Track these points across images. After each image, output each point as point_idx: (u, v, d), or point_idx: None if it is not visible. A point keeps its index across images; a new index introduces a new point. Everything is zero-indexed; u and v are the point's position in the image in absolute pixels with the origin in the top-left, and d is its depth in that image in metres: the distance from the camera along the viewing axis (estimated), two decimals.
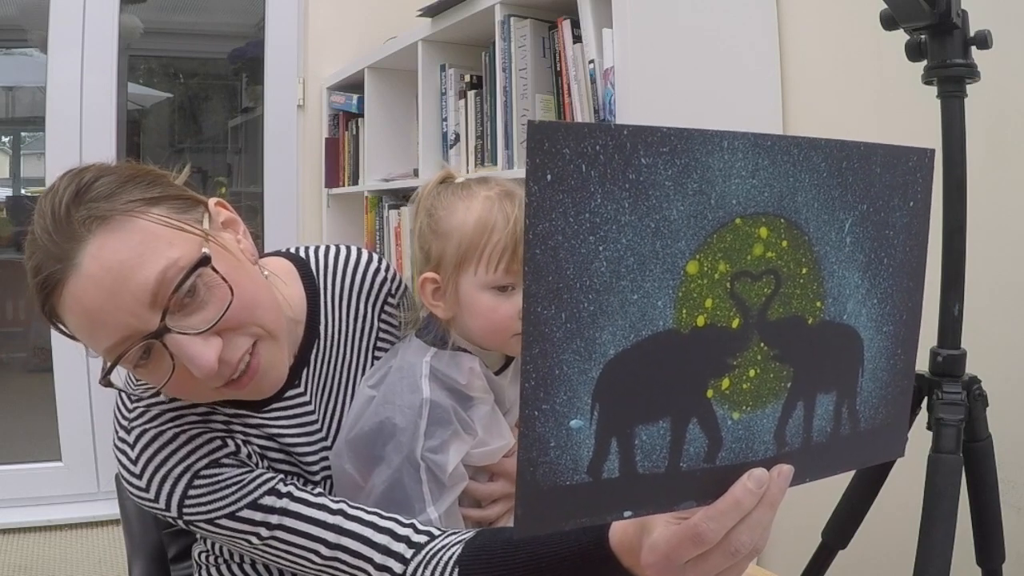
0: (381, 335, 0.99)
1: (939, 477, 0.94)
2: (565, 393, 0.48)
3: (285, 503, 0.83)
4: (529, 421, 0.48)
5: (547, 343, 0.47)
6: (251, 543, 0.83)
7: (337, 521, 0.83)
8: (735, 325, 0.53)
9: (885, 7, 0.97)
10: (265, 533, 0.82)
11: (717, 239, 0.51)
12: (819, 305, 0.57)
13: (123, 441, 0.84)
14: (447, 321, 0.93)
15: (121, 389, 0.85)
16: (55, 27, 2.55)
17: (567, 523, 0.51)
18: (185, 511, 0.81)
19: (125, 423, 0.84)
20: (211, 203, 0.83)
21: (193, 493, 0.81)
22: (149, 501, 0.82)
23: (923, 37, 0.97)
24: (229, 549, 0.94)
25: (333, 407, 0.94)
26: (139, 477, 0.82)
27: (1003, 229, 1.29)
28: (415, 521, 0.84)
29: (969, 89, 0.96)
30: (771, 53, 1.67)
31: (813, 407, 0.59)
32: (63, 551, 2.49)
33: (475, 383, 0.91)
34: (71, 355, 2.58)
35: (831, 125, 1.59)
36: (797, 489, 0.58)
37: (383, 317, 0.99)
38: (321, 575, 0.84)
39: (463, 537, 0.80)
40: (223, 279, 0.75)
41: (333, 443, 0.92)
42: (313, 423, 0.92)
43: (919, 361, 0.66)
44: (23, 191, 2.95)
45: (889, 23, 0.98)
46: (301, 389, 0.92)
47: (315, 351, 0.93)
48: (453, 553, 0.78)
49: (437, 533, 0.83)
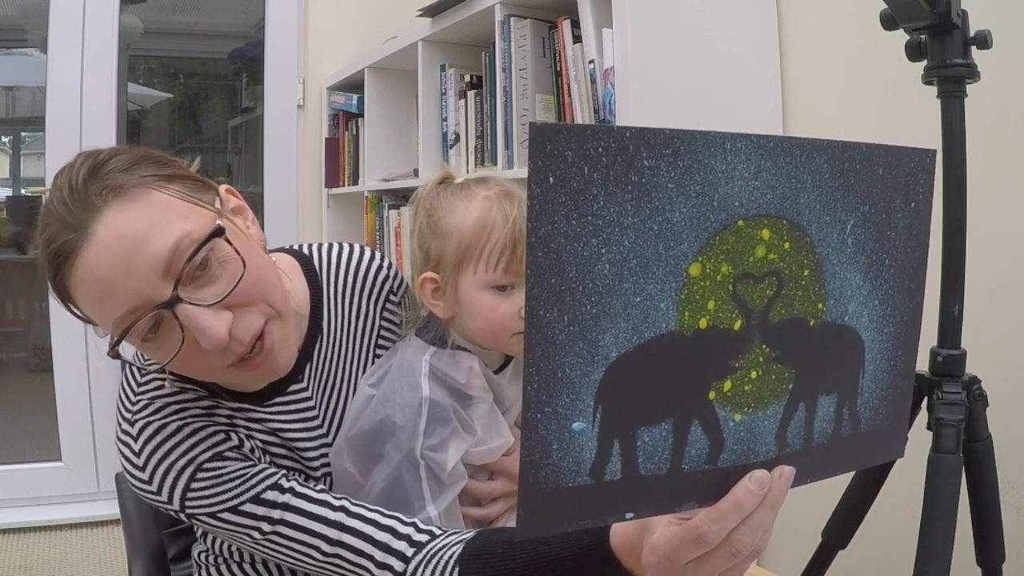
0: (383, 332, 0.99)
1: (939, 477, 0.94)
2: (568, 396, 0.48)
3: (288, 498, 0.83)
4: (532, 424, 0.48)
5: (549, 346, 0.47)
6: (252, 538, 0.83)
7: (339, 518, 0.83)
8: (737, 327, 0.53)
9: (885, 7, 0.97)
10: (267, 528, 0.82)
11: (719, 241, 0.51)
12: (821, 307, 0.57)
13: (126, 434, 0.84)
14: (447, 320, 0.93)
15: (129, 362, 0.86)
16: (55, 27, 2.55)
17: (569, 525, 0.51)
18: (187, 504, 0.81)
19: (128, 416, 0.85)
20: (222, 190, 0.85)
21: (196, 486, 0.81)
22: (151, 494, 0.82)
23: (923, 37, 0.97)
24: (229, 548, 0.94)
25: (334, 403, 0.94)
26: (142, 469, 0.82)
27: (1003, 229, 1.29)
28: (416, 520, 0.84)
29: (969, 89, 0.96)
30: (771, 53, 1.67)
31: (814, 408, 0.59)
32: (63, 551, 2.49)
33: (474, 382, 0.91)
34: (71, 355, 2.58)
35: (831, 125, 1.59)
36: (797, 489, 0.59)
37: (385, 314, 0.99)
38: (322, 572, 0.84)
39: (464, 537, 0.80)
40: (236, 251, 0.77)
41: (334, 439, 0.93)
42: (314, 418, 0.92)
43: (919, 361, 0.66)
44: (23, 191, 2.95)
45: (889, 23, 0.98)
46: (304, 384, 0.92)
47: (318, 346, 0.94)
48: (454, 552, 0.78)
49: (438, 533, 0.83)
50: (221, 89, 3.29)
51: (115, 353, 0.77)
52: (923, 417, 0.99)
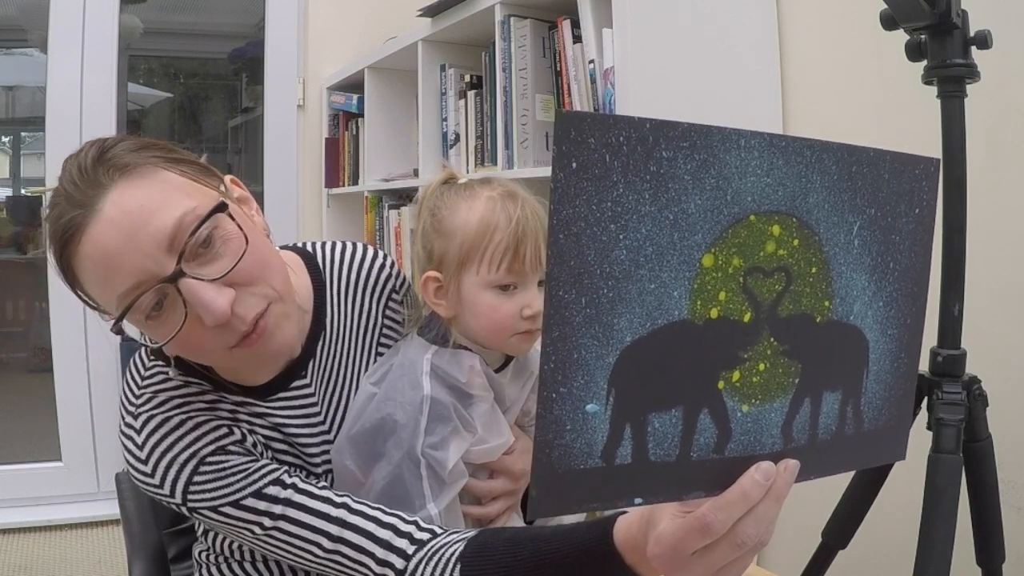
0: (385, 330, 0.99)
1: (939, 477, 0.94)
2: (583, 377, 0.49)
3: (289, 494, 0.83)
4: (547, 403, 0.49)
5: (567, 326, 0.48)
6: (254, 533, 0.83)
7: (340, 515, 0.83)
8: (747, 319, 0.54)
9: (885, 7, 0.97)
10: (268, 523, 0.82)
11: (732, 234, 0.52)
12: (827, 304, 0.58)
13: (129, 427, 0.84)
14: (449, 320, 0.93)
15: (133, 339, 0.86)
16: (55, 27, 2.55)
17: (579, 507, 0.52)
18: (189, 497, 0.82)
19: (132, 409, 0.85)
20: (226, 179, 0.86)
21: (198, 479, 0.82)
22: (154, 487, 0.83)
23: (923, 37, 0.97)
24: (231, 547, 0.94)
25: (337, 399, 0.94)
26: (144, 463, 0.83)
27: (1003, 229, 1.29)
28: (418, 519, 0.84)
29: (969, 89, 0.96)
30: (771, 53, 1.67)
31: (819, 404, 0.59)
32: (63, 551, 2.49)
33: (475, 381, 0.91)
34: (71, 355, 2.59)
35: (831, 125, 1.59)
36: (797, 489, 0.59)
37: (387, 313, 1.00)
38: (323, 569, 0.84)
39: (465, 535, 0.80)
40: (239, 228, 0.78)
41: (335, 435, 0.93)
42: (317, 414, 0.92)
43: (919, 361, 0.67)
44: (23, 191, 2.95)
45: (889, 23, 0.98)
46: (307, 380, 0.92)
47: (321, 343, 0.94)
48: (455, 550, 0.78)
49: (440, 531, 0.83)
50: (221, 89, 3.29)
51: (118, 328, 0.78)
52: (923, 417, 0.99)
